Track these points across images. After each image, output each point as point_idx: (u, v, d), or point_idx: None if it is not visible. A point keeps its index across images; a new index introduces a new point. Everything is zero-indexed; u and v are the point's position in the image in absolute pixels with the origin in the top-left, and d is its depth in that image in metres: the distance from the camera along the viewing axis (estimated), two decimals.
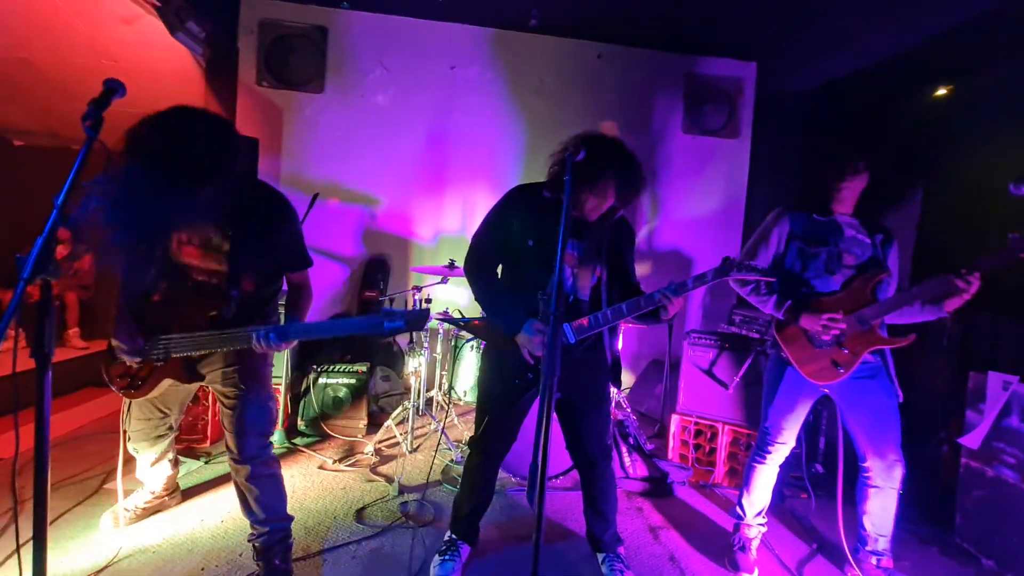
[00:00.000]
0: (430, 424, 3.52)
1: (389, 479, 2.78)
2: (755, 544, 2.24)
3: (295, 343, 1.71)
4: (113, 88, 1.31)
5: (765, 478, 2.20)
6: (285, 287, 1.96)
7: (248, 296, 1.77)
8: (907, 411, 2.04)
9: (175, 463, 2.32)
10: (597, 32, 4.27)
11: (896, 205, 3.64)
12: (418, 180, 4.31)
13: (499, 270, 2.02)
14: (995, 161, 3.24)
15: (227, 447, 1.84)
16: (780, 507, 2.74)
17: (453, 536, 2.09)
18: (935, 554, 2.45)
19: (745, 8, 3.69)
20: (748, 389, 2.99)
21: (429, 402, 3.63)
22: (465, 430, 3.47)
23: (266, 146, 3.95)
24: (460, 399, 3.47)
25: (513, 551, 2.24)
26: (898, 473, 2.02)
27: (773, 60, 4.37)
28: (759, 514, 2.24)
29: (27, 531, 1.13)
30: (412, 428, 3.21)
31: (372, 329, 1.57)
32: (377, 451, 3.11)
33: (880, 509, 2.06)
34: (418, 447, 3.22)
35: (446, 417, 3.51)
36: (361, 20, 4.15)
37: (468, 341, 3.39)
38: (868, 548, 2.12)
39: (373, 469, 2.90)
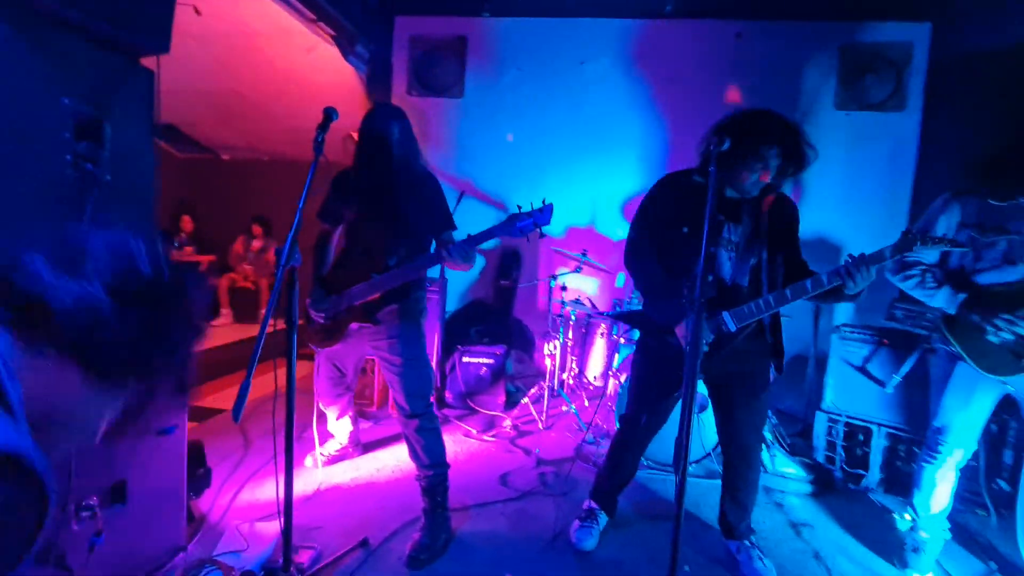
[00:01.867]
0: (563, 405, 3.72)
1: (527, 451, 3.03)
2: (930, 547, 2.09)
3: (474, 254, 2.03)
4: (330, 114, 1.67)
5: (938, 477, 2.04)
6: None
7: (406, 255, 2.09)
8: None
9: (354, 420, 2.79)
10: (736, 9, 4.07)
11: None
12: (548, 175, 4.49)
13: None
14: None
15: (398, 406, 2.15)
16: (951, 519, 2.48)
17: (593, 505, 2.24)
18: None
19: None
20: (912, 390, 2.72)
21: (562, 384, 3.83)
22: (595, 413, 3.61)
23: None
24: (591, 383, 3.62)
25: (647, 526, 2.35)
26: None
27: (953, 17, 3.80)
28: (936, 516, 2.09)
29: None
30: (547, 407, 3.45)
31: (508, 230, 1.97)
32: (515, 426, 3.39)
33: None
34: (552, 425, 3.44)
35: (576, 399, 3.68)
36: (495, 26, 4.42)
37: (589, 324, 3.51)
38: None
39: (512, 441, 3.18)
